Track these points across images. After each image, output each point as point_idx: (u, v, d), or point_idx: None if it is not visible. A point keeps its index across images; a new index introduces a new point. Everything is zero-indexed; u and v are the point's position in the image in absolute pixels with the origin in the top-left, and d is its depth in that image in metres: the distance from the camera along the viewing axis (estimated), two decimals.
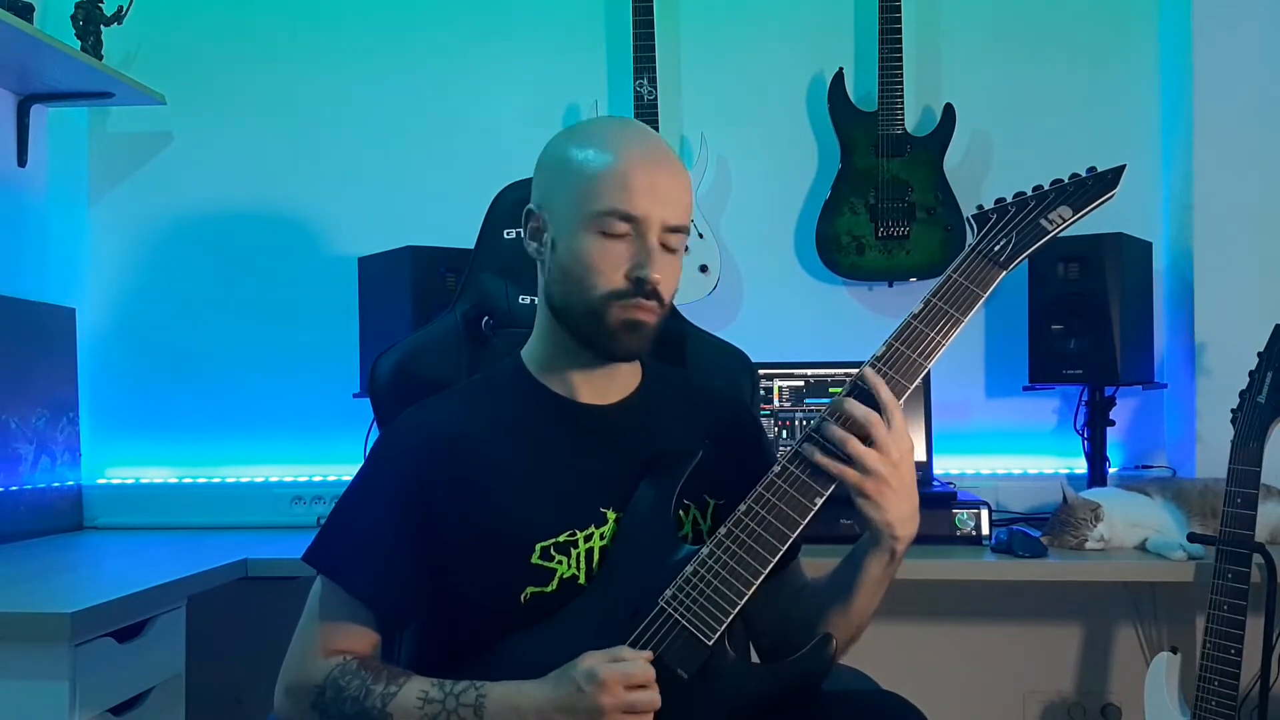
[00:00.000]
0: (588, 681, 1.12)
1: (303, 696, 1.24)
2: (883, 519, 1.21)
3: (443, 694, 1.17)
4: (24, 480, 2.43)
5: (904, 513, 1.22)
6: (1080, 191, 1.31)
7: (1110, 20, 2.57)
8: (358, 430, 2.07)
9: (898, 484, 1.21)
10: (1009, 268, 1.28)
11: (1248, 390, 1.90)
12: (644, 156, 1.24)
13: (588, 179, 1.23)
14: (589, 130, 1.32)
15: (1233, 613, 1.84)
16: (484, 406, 1.33)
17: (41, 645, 1.58)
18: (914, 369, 1.24)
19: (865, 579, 1.26)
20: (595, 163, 1.23)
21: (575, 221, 1.24)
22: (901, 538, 1.23)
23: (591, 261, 1.23)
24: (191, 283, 2.73)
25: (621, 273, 1.23)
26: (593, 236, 1.23)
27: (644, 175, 1.23)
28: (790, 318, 2.60)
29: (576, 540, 1.26)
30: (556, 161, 1.28)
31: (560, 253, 1.26)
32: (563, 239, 1.25)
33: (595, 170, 1.23)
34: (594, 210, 1.22)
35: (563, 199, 1.25)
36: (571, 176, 1.25)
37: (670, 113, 2.58)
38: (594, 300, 1.24)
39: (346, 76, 2.71)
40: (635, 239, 1.23)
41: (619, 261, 1.23)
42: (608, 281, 1.23)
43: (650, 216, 1.23)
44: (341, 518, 1.30)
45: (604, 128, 1.32)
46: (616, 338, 1.25)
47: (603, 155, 1.24)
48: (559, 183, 1.26)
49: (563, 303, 1.27)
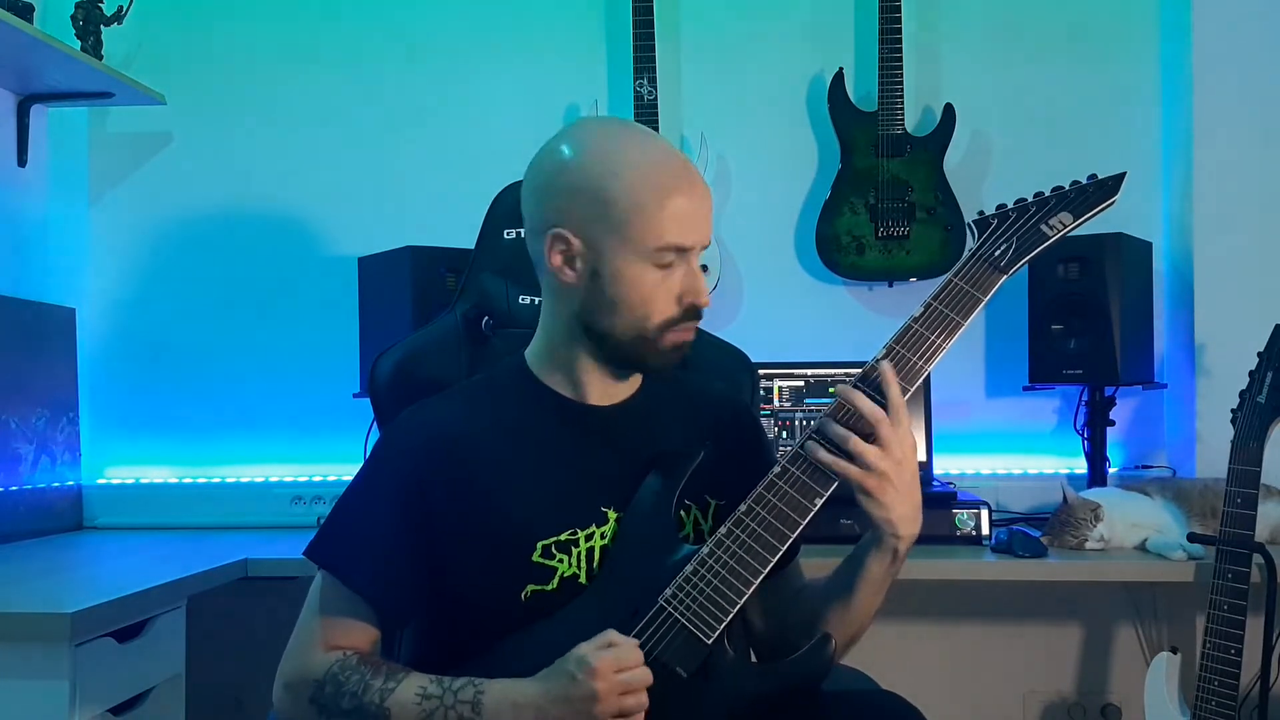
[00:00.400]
0: (580, 669, 1.13)
1: (301, 690, 1.24)
2: (885, 517, 1.21)
3: (441, 690, 1.18)
4: (24, 480, 2.43)
5: (906, 512, 1.22)
6: (1081, 198, 1.32)
7: (1110, 20, 2.57)
8: (358, 430, 2.07)
9: (900, 482, 1.21)
10: (1009, 272, 1.29)
11: (1248, 390, 1.90)
12: (685, 184, 1.25)
13: (638, 213, 1.22)
14: (614, 153, 1.25)
15: (1233, 613, 1.84)
16: (485, 406, 1.33)
17: (41, 645, 1.58)
18: (914, 372, 1.25)
19: (867, 578, 1.26)
20: (643, 196, 1.22)
21: (627, 255, 1.23)
22: (904, 537, 1.23)
23: (648, 294, 1.24)
24: (191, 283, 2.73)
25: (674, 301, 1.25)
26: (647, 269, 1.23)
27: (689, 204, 1.24)
28: (790, 318, 2.60)
29: (578, 539, 1.26)
30: (590, 190, 1.23)
31: (608, 283, 1.24)
32: (608, 269, 1.24)
33: (644, 204, 1.22)
34: (650, 246, 1.22)
35: (607, 231, 1.23)
36: (616, 210, 1.22)
37: (670, 113, 2.58)
38: (649, 329, 1.25)
39: (346, 77, 2.71)
40: (681, 265, 1.25)
41: (672, 290, 1.25)
42: (663, 311, 1.25)
43: (698, 245, 1.25)
44: (343, 515, 1.31)
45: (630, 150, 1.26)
46: (665, 358, 1.28)
47: (647, 187, 1.22)
48: (599, 215, 1.23)
49: (608, 328, 1.26)
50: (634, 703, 1.13)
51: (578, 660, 1.13)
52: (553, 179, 1.27)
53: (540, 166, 1.29)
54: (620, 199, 1.22)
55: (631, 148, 1.26)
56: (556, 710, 1.13)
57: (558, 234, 1.25)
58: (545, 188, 1.28)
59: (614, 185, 1.22)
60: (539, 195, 1.28)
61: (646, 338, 1.26)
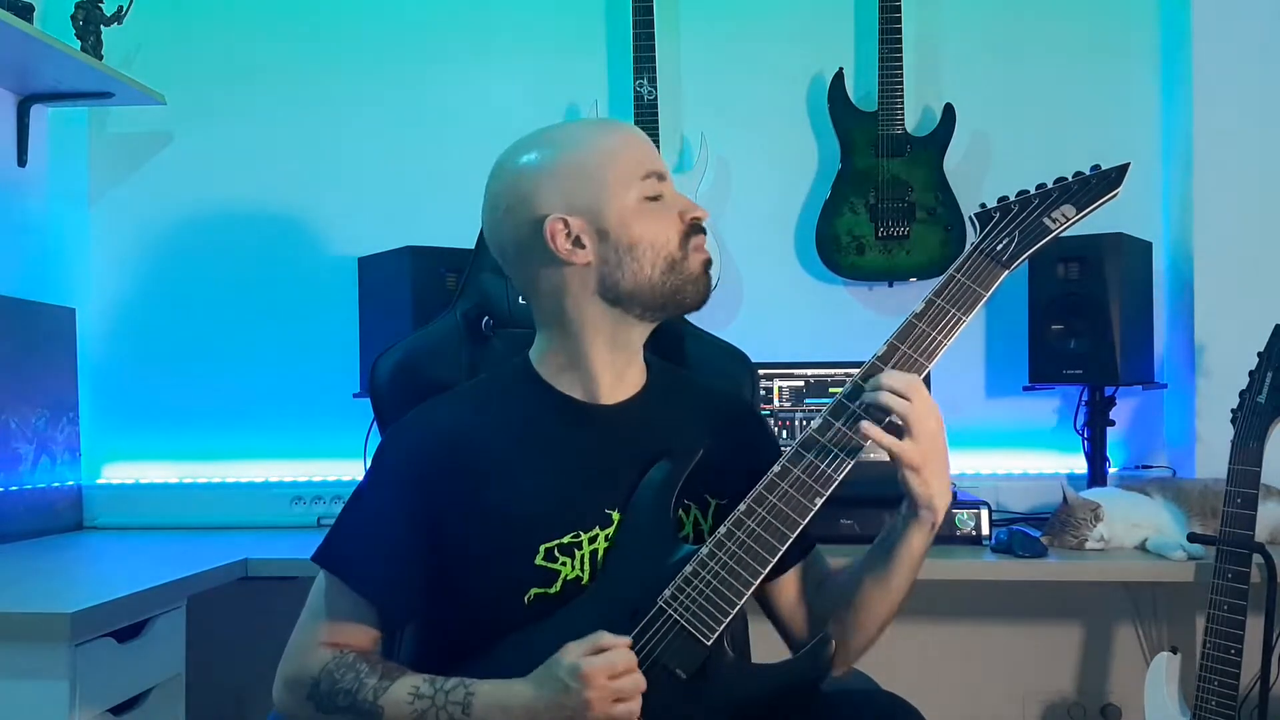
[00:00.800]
0: (572, 677, 1.13)
1: (299, 688, 1.24)
2: (927, 493, 1.22)
3: (433, 690, 1.18)
4: (24, 480, 2.44)
5: (944, 484, 1.24)
6: (1084, 190, 1.30)
7: (1110, 20, 2.57)
8: (358, 430, 2.06)
9: (940, 455, 1.22)
10: (1011, 267, 1.28)
11: (1248, 390, 1.90)
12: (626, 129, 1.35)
13: (609, 161, 1.28)
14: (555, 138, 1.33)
15: (1233, 613, 1.84)
16: (489, 406, 1.33)
17: (41, 645, 1.58)
18: (916, 368, 1.24)
19: (907, 554, 1.26)
20: (604, 148, 1.29)
21: (621, 199, 1.27)
22: (939, 509, 1.24)
23: (657, 225, 1.28)
24: (191, 283, 2.73)
25: (677, 220, 1.29)
26: (645, 204, 1.28)
27: (636, 137, 1.33)
28: (790, 318, 2.60)
29: (581, 542, 1.26)
30: (560, 171, 1.28)
31: (619, 236, 1.27)
32: (613, 221, 1.27)
33: (609, 152, 1.29)
34: (636, 178, 1.28)
35: (594, 192, 1.27)
36: (591, 170, 1.27)
37: (670, 113, 2.58)
38: (673, 252, 1.28)
39: (346, 77, 2.71)
40: (665, 193, 1.30)
41: (671, 213, 1.29)
42: (675, 233, 1.28)
43: (666, 170, 1.32)
44: (348, 516, 1.31)
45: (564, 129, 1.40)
46: (700, 280, 1.31)
47: (603, 141, 1.30)
48: (580, 183, 1.27)
49: (636, 277, 1.27)
50: (625, 710, 1.13)
51: (569, 668, 1.13)
52: (519, 186, 1.29)
53: (500, 190, 1.31)
54: (589, 160, 1.28)
55: (564, 128, 1.39)
56: (548, 716, 1.14)
57: (554, 220, 1.26)
58: (517, 199, 1.29)
59: (576, 154, 1.29)
60: (514, 211, 1.29)
61: (674, 264, 1.28)
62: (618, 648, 1.15)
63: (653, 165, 1.30)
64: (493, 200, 1.32)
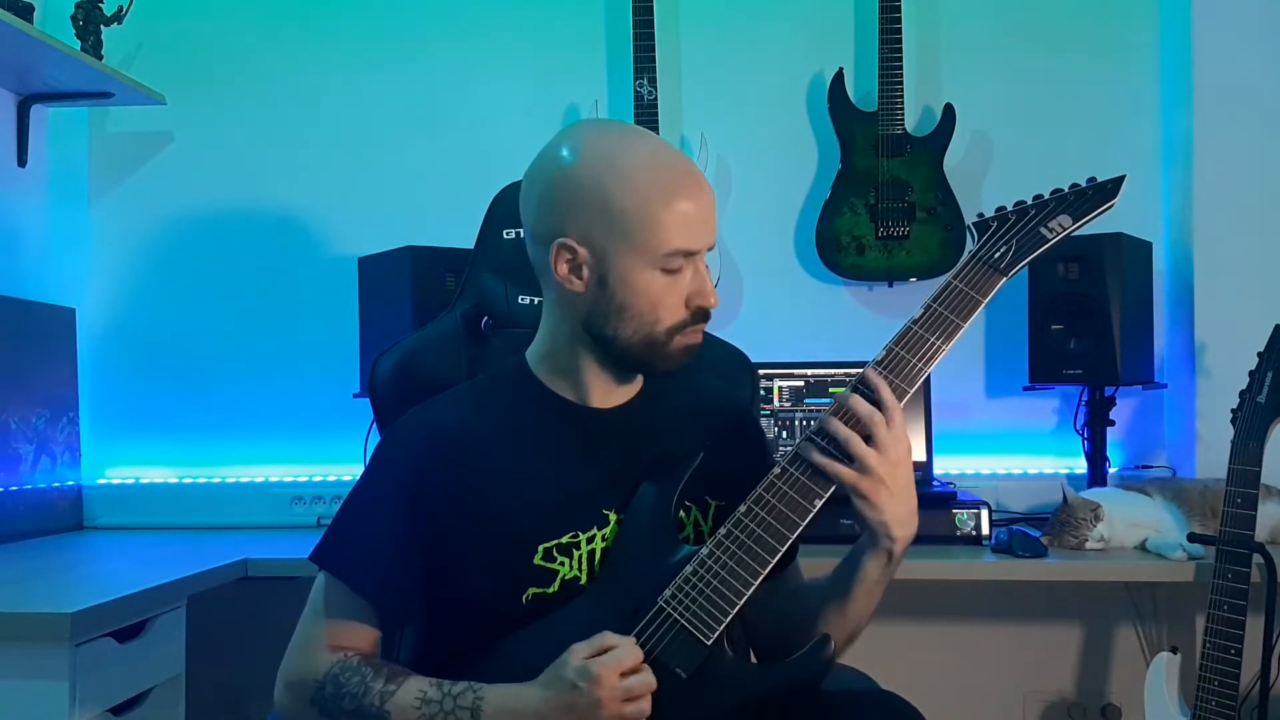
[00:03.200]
0: (582, 679, 1.12)
1: (302, 691, 1.24)
2: (879, 519, 1.21)
3: (440, 694, 1.18)
4: (24, 480, 2.43)
5: (901, 513, 1.22)
6: (1080, 201, 1.32)
7: (1110, 20, 2.57)
8: (358, 430, 2.07)
9: (895, 485, 1.21)
10: (1009, 275, 1.29)
11: (1248, 390, 1.90)
12: (690, 187, 1.24)
13: (644, 220, 1.21)
14: (616, 158, 1.24)
15: (1233, 613, 1.84)
16: (488, 407, 1.33)
17: (41, 645, 1.58)
18: (914, 374, 1.25)
19: (863, 580, 1.26)
20: (649, 203, 1.21)
21: (634, 262, 1.23)
22: (899, 539, 1.23)
23: (657, 299, 1.24)
24: (191, 282, 2.73)
25: (682, 304, 1.26)
26: (656, 274, 1.23)
27: (694, 208, 1.23)
28: (790, 318, 2.60)
29: (579, 542, 1.26)
30: (594, 199, 1.22)
31: (615, 290, 1.24)
32: (616, 276, 1.23)
33: (650, 210, 1.21)
34: (659, 252, 1.22)
35: (613, 239, 1.22)
36: (622, 218, 1.22)
37: (670, 113, 2.58)
38: (659, 333, 1.26)
39: (346, 77, 2.71)
40: (688, 268, 1.25)
41: (680, 294, 1.25)
42: (672, 315, 1.25)
43: (704, 247, 1.26)
44: (346, 515, 1.31)
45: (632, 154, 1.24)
46: (674, 361, 1.28)
47: (653, 193, 1.22)
48: (605, 223, 1.22)
49: (616, 334, 1.26)
50: (636, 709, 1.13)
51: (578, 670, 1.13)
52: (554, 187, 1.26)
53: (540, 173, 1.28)
54: (625, 206, 1.21)
55: (633, 152, 1.24)
56: (558, 718, 1.13)
57: (563, 244, 1.24)
58: (546, 196, 1.26)
59: (618, 192, 1.22)
60: (540, 204, 1.27)
61: (655, 342, 1.26)
62: (624, 646, 1.15)
63: (688, 243, 1.23)
64: (531, 177, 1.30)
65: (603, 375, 1.32)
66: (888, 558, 1.24)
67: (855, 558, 1.27)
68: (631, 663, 1.14)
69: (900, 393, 1.24)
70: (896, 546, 1.23)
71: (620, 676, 1.13)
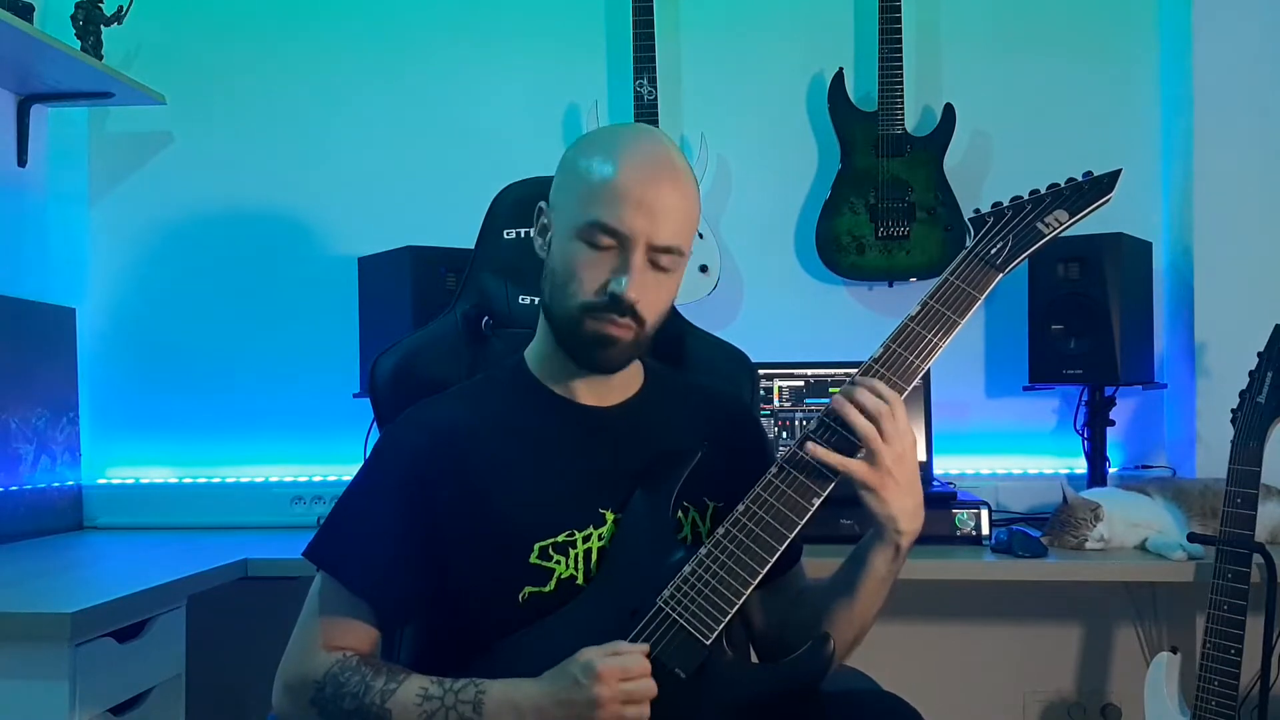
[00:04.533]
0: (584, 674, 1.13)
1: (302, 692, 1.24)
2: (887, 513, 1.21)
3: (442, 691, 1.18)
4: (24, 480, 2.43)
5: (909, 506, 1.22)
6: (1076, 196, 1.32)
7: (1110, 20, 2.57)
8: (358, 430, 2.06)
9: (902, 477, 1.21)
10: (1006, 270, 1.29)
11: (1248, 390, 1.90)
12: (644, 172, 1.23)
13: (585, 187, 1.25)
14: (604, 137, 1.33)
15: (1233, 613, 1.84)
16: (486, 406, 1.33)
17: (41, 645, 1.59)
18: (911, 371, 1.25)
19: (870, 576, 1.26)
20: (594, 172, 1.25)
21: (568, 227, 1.26)
22: (906, 532, 1.23)
23: (573, 269, 1.24)
24: (191, 283, 2.73)
25: (598, 285, 1.23)
26: (579, 244, 1.24)
27: (638, 191, 1.22)
28: (790, 318, 2.60)
29: (575, 541, 1.26)
30: (567, 163, 1.30)
31: (553, 254, 1.29)
32: (557, 242, 1.28)
33: (593, 179, 1.24)
34: (583, 220, 1.23)
35: (563, 203, 1.27)
36: (574, 181, 1.27)
37: (670, 113, 2.58)
38: (571, 308, 1.25)
39: (346, 76, 2.71)
40: (619, 253, 1.23)
41: (598, 274, 1.23)
42: (584, 291, 1.24)
43: (635, 234, 1.22)
44: (343, 514, 1.31)
45: (617, 137, 1.30)
46: (588, 349, 1.26)
47: (604, 165, 1.24)
48: (564, 186, 1.28)
49: (548, 302, 1.30)
50: (635, 713, 1.13)
51: (583, 666, 1.13)
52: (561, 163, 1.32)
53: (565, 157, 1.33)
54: (578, 171, 1.26)
55: (620, 135, 1.30)
56: (558, 713, 1.14)
57: (540, 206, 1.31)
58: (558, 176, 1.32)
59: (580, 160, 1.27)
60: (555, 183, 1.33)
61: (570, 318, 1.26)
62: (633, 653, 1.15)
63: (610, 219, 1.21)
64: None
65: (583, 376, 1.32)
66: (895, 552, 1.24)
67: (862, 554, 1.27)
68: (638, 670, 1.14)
69: (899, 389, 1.24)
70: (904, 540, 1.23)
71: (623, 680, 1.12)
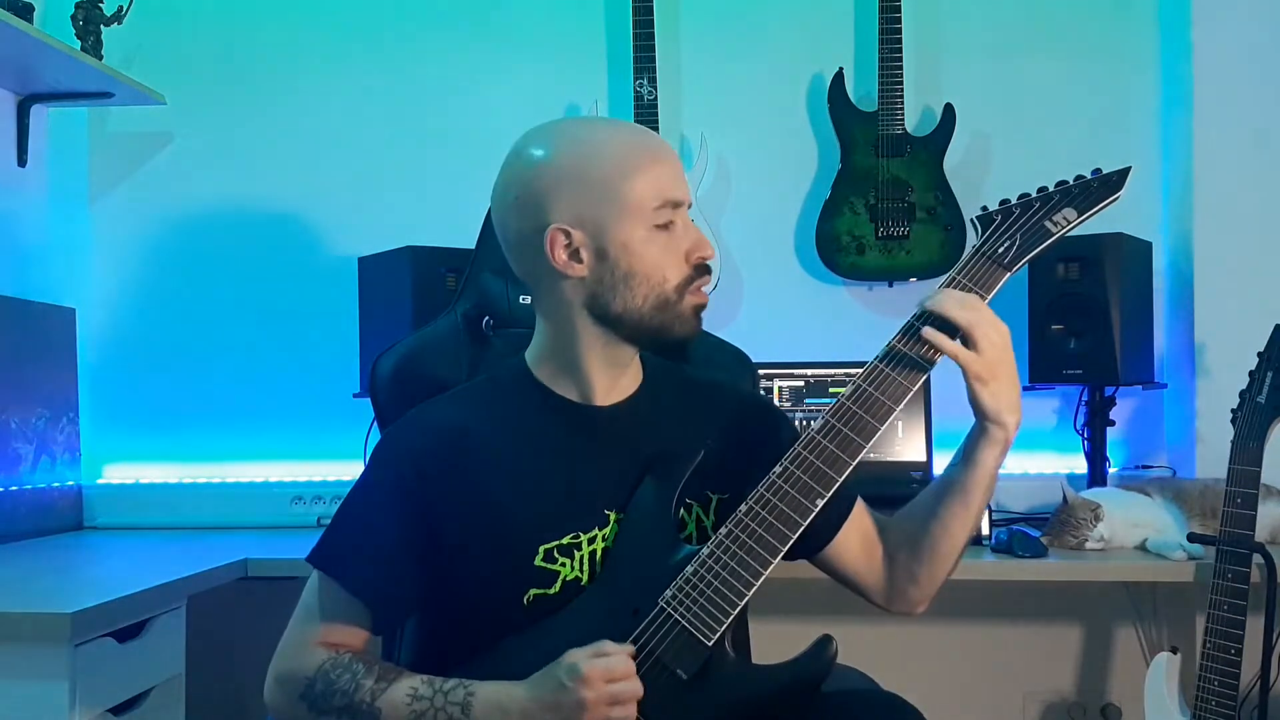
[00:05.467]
0: (570, 677, 1.12)
1: (292, 687, 1.24)
2: (997, 405, 1.23)
3: (432, 691, 1.18)
4: (24, 480, 2.43)
5: (1015, 399, 1.24)
6: (1085, 194, 1.30)
7: (1110, 20, 2.57)
8: (358, 430, 2.06)
9: (1009, 367, 1.23)
10: (1013, 269, 1.28)
11: (1248, 390, 1.90)
12: (656, 148, 1.28)
13: (627, 181, 1.23)
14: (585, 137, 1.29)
15: (1233, 613, 1.84)
16: (488, 408, 1.33)
17: (41, 645, 1.58)
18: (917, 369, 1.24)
19: (981, 473, 1.28)
20: (626, 164, 1.24)
21: (628, 224, 1.23)
22: (1011, 425, 1.25)
23: (659, 257, 1.25)
24: (191, 282, 2.73)
25: (684, 259, 1.26)
26: (651, 233, 1.24)
27: (667, 164, 1.27)
28: (790, 318, 2.60)
29: (580, 542, 1.26)
30: (575, 177, 1.24)
31: (619, 259, 1.24)
32: (615, 245, 1.24)
33: (630, 171, 1.24)
34: (649, 206, 1.24)
35: (604, 209, 1.23)
36: (607, 185, 1.23)
37: (670, 113, 2.57)
38: (668, 293, 1.25)
39: (346, 76, 2.71)
40: (678, 222, 1.26)
41: (679, 249, 1.26)
42: (677, 272, 1.26)
43: (686, 200, 1.28)
44: (344, 515, 1.31)
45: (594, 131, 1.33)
46: (688, 324, 1.28)
47: (625, 155, 1.25)
48: (592, 196, 1.23)
49: (626, 307, 1.26)
50: (620, 714, 1.13)
51: (568, 668, 1.13)
52: (532, 182, 1.26)
53: (512, 178, 1.28)
54: (607, 174, 1.24)
55: (595, 129, 1.34)
56: (544, 716, 1.14)
57: (556, 229, 1.24)
58: (525, 194, 1.26)
59: (596, 164, 1.24)
60: (521, 204, 1.27)
61: (667, 304, 1.26)
62: (619, 654, 1.15)
63: (671, 193, 1.25)
64: (504, 185, 1.29)
65: (606, 367, 1.31)
66: (1003, 447, 1.26)
67: (972, 453, 1.28)
68: (622, 672, 1.14)
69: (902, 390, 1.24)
70: (1010, 433, 1.25)
71: (608, 682, 1.12)
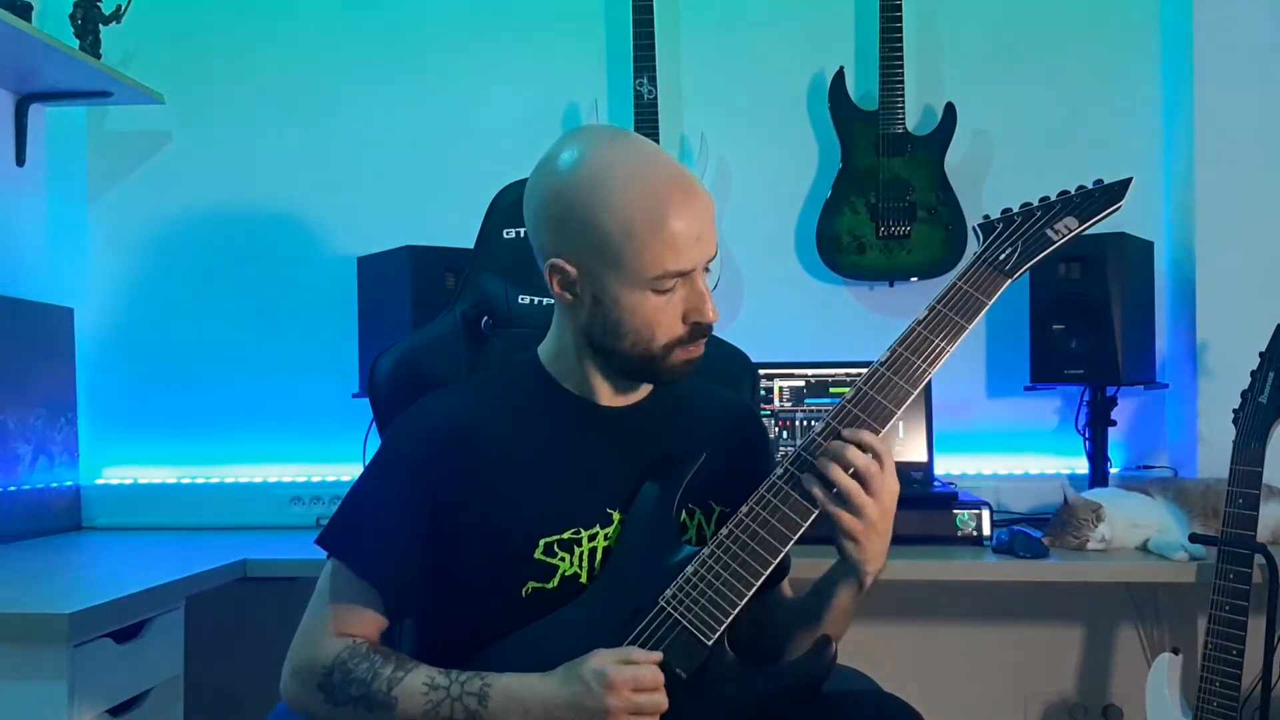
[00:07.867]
0: (597, 681, 1.13)
1: (310, 677, 1.24)
2: (862, 557, 1.24)
3: (448, 681, 1.19)
4: (22, 480, 2.43)
5: (881, 550, 1.25)
6: (1086, 203, 1.33)
7: (1111, 20, 2.57)
8: (357, 430, 2.06)
9: (882, 528, 1.24)
10: (1014, 276, 1.30)
11: (1249, 390, 1.90)
12: (680, 206, 1.20)
13: (632, 245, 1.19)
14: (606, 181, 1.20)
15: (1234, 613, 1.83)
16: (498, 400, 1.33)
17: (40, 646, 1.58)
18: (918, 375, 1.25)
19: (835, 607, 1.29)
20: (637, 227, 1.19)
21: (625, 284, 1.21)
22: (873, 572, 1.26)
23: (651, 319, 1.23)
24: (190, 282, 2.72)
25: (679, 321, 1.24)
26: (647, 295, 1.22)
27: (688, 225, 1.20)
28: (790, 318, 2.59)
29: (580, 539, 1.26)
30: (583, 222, 1.21)
31: (609, 309, 1.23)
32: (608, 297, 1.23)
33: (638, 235, 1.19)
34: (647, 276, 1.20)
35: (603, 263, 1.21)
36: (611, 243, 1.20)
37: (670, 113, 2.57)
38: (655, 350, 1.25)
39: (346, 76, 2.71)
40: (683, 287, 1.23)
41: (675, 311, 1.24)
42: (667, 333, 1.25)
43: (699, 262, 1.23)
44: (354, 502, 1.31)
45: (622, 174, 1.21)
46: (675, 374, 1.28)
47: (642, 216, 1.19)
48: (593, 246, 1.21)
49: (614, 348, 1.26)
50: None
51: (596, 672, 1.13)
52: (547, 204, 1.25)
53: (538, 184, 1.27)
54: (614, 232, 1.20)
55: (623, 170, 1.21)
56: (566, 715, 1.14)
57: (554, 264, 1.24)
58: (541, 213, 1.26)
59: (606, 217, 1.20)
60: (537, 218, 1.27)
61: (653, 357, 1.26)
62: (648, 665, 1.15)
63: (676, 265, 1.20)
64: (530, 188, 1.28)
65: (608, 380, 1.32)
66: (859, 588, 1.27)
67: (828, 587, 1.30)
68: (650, 683, 1.14)
69: (904, 395, 1.24)
70: (869, 580, 1.26)
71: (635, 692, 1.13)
